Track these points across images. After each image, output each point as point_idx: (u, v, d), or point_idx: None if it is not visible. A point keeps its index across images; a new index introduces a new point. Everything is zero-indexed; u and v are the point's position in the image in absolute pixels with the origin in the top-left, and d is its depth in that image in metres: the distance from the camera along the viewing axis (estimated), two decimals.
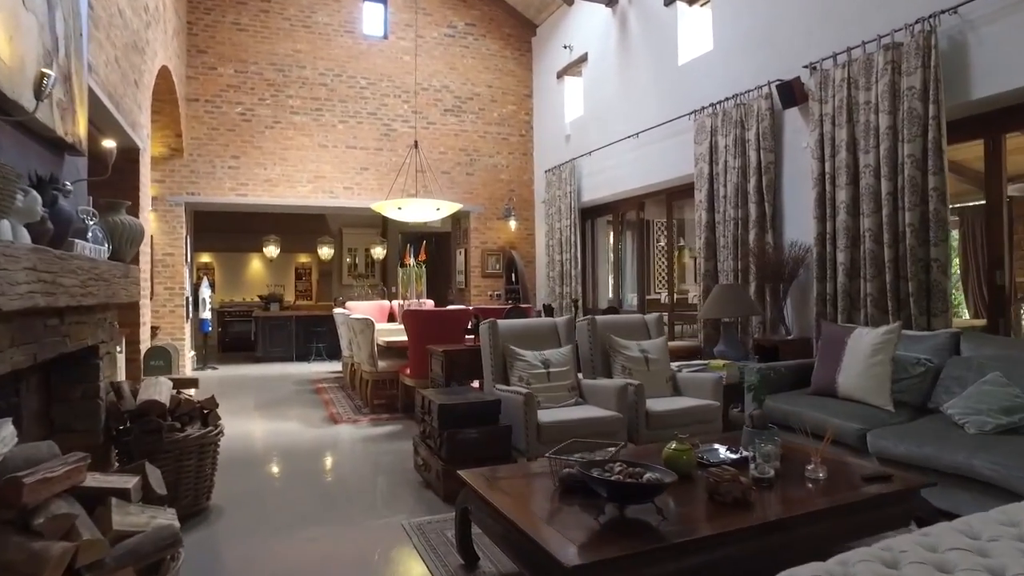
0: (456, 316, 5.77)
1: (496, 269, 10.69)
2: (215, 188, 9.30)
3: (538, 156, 10.88)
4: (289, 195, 9.62)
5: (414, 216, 7.25)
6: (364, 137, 10.04)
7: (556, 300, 9.84)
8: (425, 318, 5.67)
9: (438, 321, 5.68)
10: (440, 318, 5.74)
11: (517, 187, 10.89)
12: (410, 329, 5.67)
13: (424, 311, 5.81)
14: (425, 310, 5.87)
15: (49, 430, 3.17)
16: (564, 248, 9.65)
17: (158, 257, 9.01)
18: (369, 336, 6.01)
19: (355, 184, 9.96)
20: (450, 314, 5.84)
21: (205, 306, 9.62)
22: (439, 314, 5.86)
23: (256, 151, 9.50)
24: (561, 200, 9.73)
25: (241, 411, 6.57)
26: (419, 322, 5.62)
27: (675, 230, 8.81)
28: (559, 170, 9.80)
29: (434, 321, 5.67)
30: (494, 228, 10.74)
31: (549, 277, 10.05)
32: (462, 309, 5.85)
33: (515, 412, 3.80)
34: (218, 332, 12.59)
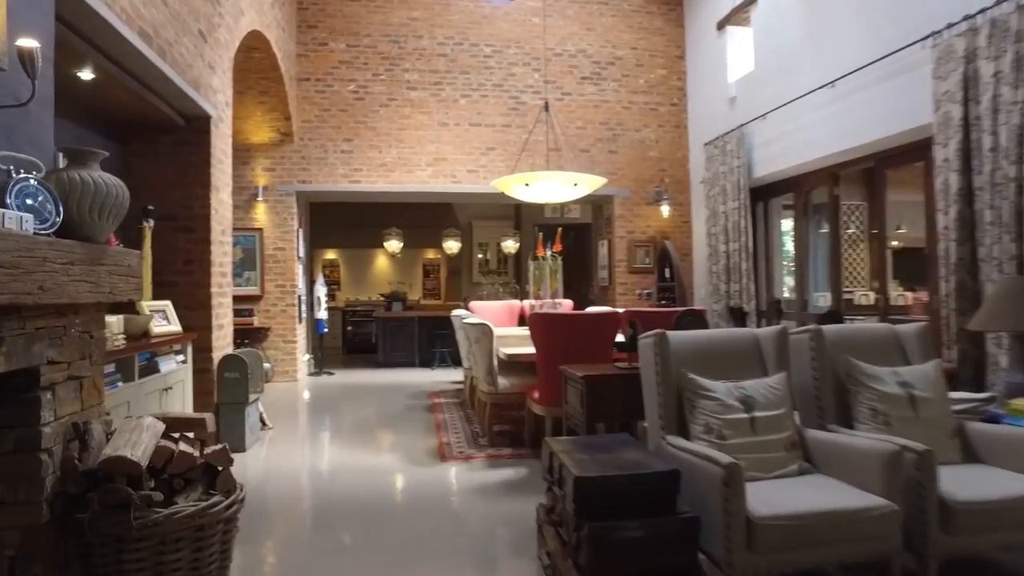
0: (600, 322, 4.22)
1: (646, 263, 9.01)
2: (327, 175, 8.39)
3: (694, 128, 9.06)
4: (407, 181, 8.53)
5: (546, 195, 5.80)
6: (489, 113, 8.75)
7: (720, 300, 8.00)
8: (557, 324, 4.17)
9: (575, 329, 4.16)
10: (578, 325, 4.22)
11: (669, 166, 9.13)
12: (538, 339, 4.20)
13: (556, 315, 4.30)
14: (558, 313, 4.34)
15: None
16: (730, 236, 7.80)
17: (268, 252, 8.22)
18: (486, 346, 4.62)
19: (480, 167, 8.69)
20: (591, 320, 4.29)
21: (321, 305, 8.76)
22: (576, 319, 4.32)
23: (370, 132, 8.49)
24: (726, 178, 7.88)
25: (335, 434, 5.43)
26: (549, 329, 4.14)
27: (881, 210, 6.71)
28: (722, 141, 7.96)
29: (569, 328, 4.16)
30: (643, 215, 9.06)
31: (711, 272, 8.22)
32: (608, 313, 4.27)
33: (705, 491, 2.21)
34: (343, 333, 11.90)
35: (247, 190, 8.22)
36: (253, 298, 8.17)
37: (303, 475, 4.26)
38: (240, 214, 8.19)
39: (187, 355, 4.39)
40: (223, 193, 5.00)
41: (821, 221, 8.29)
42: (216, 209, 4.81)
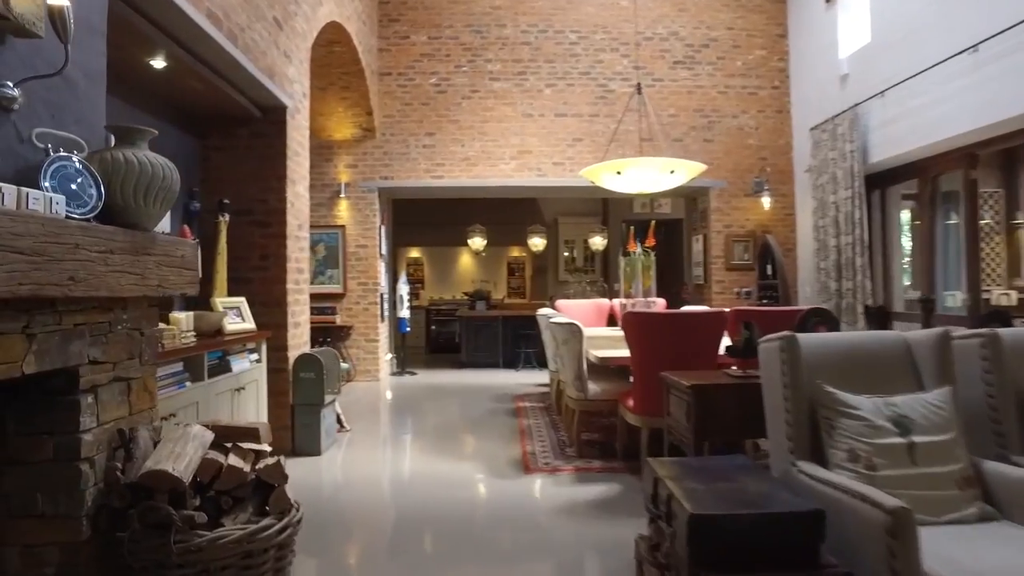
0: (704, 323, 3.74)
1: (745, 260, 8.35)
2: (409, 171, 8.22)
3: (798, 111, 8.32)
4: (490, 175, 8.24)
5: (639, 184, 5.33)
6: (576, 102, 8.34)
7: (829, 299, 7.26)
8: (656, 325, 3.72)
9: (676, 330, 3.69)
10: (679, 325, 3.74)
11: (770, 154, 8.43)
12: (633, 340, 3.77)
13: (654, 314, 3.84)
14: (656, 312, 3.88)
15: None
16: (842, 229, 7.06)
17: (351, 250, 8.13)
18: (575, 348, 4.22)
19: (566, 159, 8.29)
20: (694, 320, 3.81)
21: (403, 303, 8.61)
22: (677, 319, 3.84)
23: (452, 126, 8.26)
24: (836, 165, 7.15)
25: (414, 438, 5.18)
26: (647, 330, 3.70)
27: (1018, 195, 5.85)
28: (833, 124, 7.22)
29: (669, 329, 3.70)
30: (741, 207, 8.40)
31: (819, 269, 7.49)
32: (713, 312, 3.78)
33: (858, 540, 1.74)
34: (426, 333, 11.77)
35: (329, 187, 8.16)
36: (335, 296, 8.10)
37: (377, 483, 4.01)
38: (323, 211, 8.14)
39: (261, 354, 4.23)
40: (299, 187, 4.83)
41: (949, 211, 7.42)
42: (292, 203, 4.65)
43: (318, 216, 8.14)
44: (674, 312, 3.72)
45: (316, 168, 8.13)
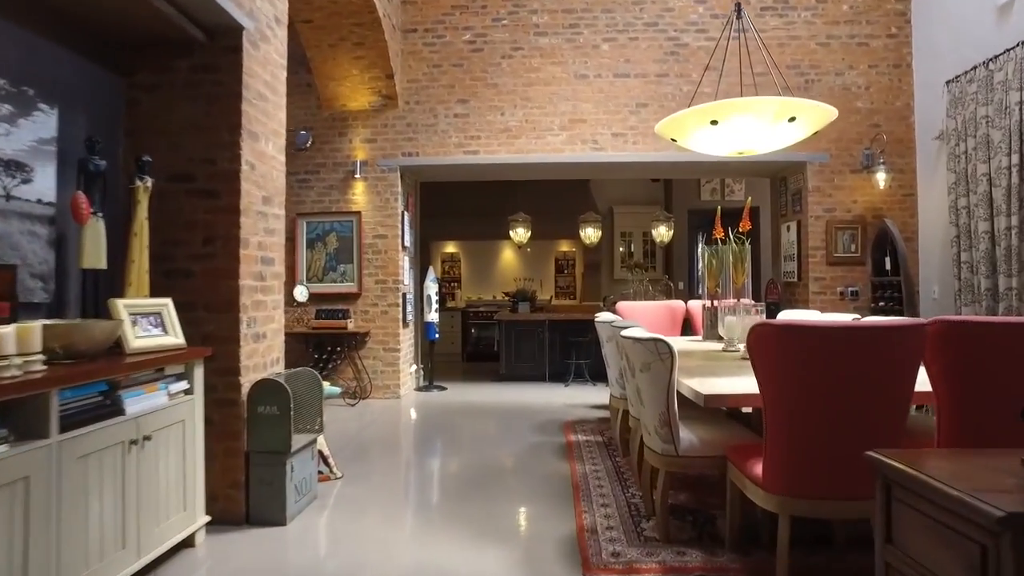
0: (899, 342, 2.14)
1: (852, 251, 6.68)
2: (438, 145, 6.83)
3: (924, 63, 6.60)
4: (535, 150, 6.78)
5: (741, 141, 3.77)
6: (640, 60, 6.82)
7: (977, 302, 5.57)
8: (813, 344, 2.12)
9: (850, 352, 2.11)
10: (857, 345, 2.13)
11: (884, 119, 6.74)
12: (769, 368, 2.22)
13: (810, 327, 2.21)
14: (811, 326, 2.24)
15: None
16: (999, 209, 5.35)
17: (368, 241, 6.78)
18: (662, 378, 2.71)
19: (628, 128, 6.78)
20: (886, 337, 2.16)
21: (431, 305, 7.23)
22: (855, 336, 2.14)
23: (489, 91, 6.83)
24: (992, 124, 5.44)
25: (423, 495, 3.77)
26: (795, 353, 2.13)
27: None
28: (987, 70, 5.51)
29: (838, 351, 2.10)
30: (846, 186, 6.74)
31: (957, 263, 5.79)
32: (908, 326, 2.17)
33: None
34: (463, 338, 10.38)
35: (343, 166, 6.83)
36: (349, 296, 6.77)
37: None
38: (334, 195, 6.82)
39: (195, 381, 2.86)
40: (266, 144, 3.46)
41: None
42: (253, 165, 3.28)
43: (329, 201, 6.83)
44: (846, 324, 2.17)
45: (329, 144, 6.83)
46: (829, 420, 2.16)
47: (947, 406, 2.32)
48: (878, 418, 2.18)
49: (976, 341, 2.18)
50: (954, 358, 2.24)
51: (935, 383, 2.33)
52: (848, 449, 2.16)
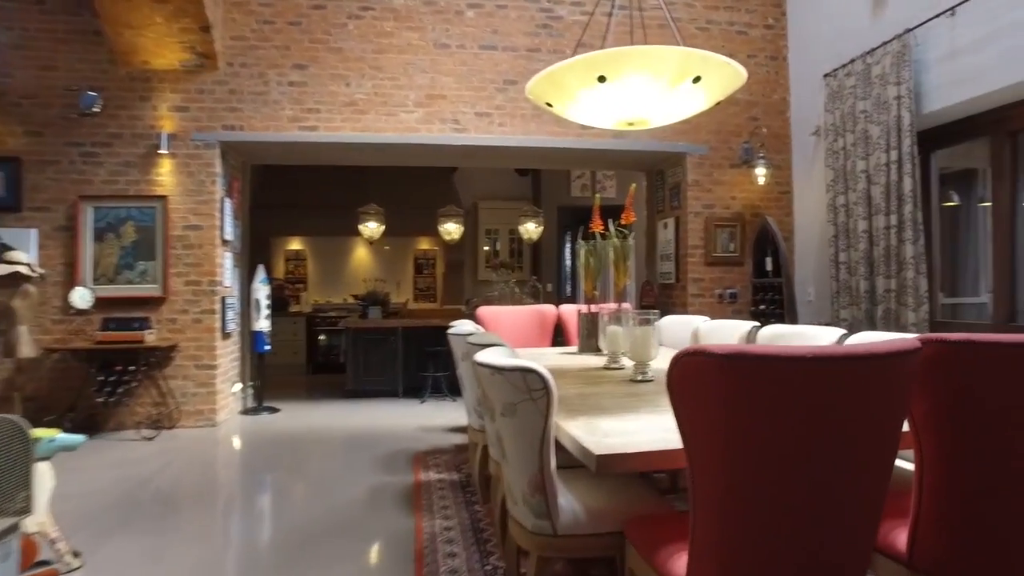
0: (886, 375, 1.40)
1: (732, 251, 6.25)
2: (269, 118, 5.65)
3: (800, 57, 6.32)
4: (386, 128, 5.79)
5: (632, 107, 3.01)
6: (509, 31, 6.02)
7: (854, 304, 5.26)
8: (785, 377, 1.27)
9: (827, 386, 1.31)
10: (838, 377, 1.31)
11: (762, 112, 6.39)
12: (698, 415, 1.36)
13: (781, 354, 1.35)
14: (780, 352, 1.39)
15: None
16: (877, 208, 5.06)
17: (176, 232, 5.48)
18: (535, 430, 1.84)
19: (495, 108, 5.95)
20: (870, 368, 1.38)
21: (260, 311, 6.03)
22: (832, 364, 1.32)
23: (333, 57, 5.76)
24: (870, 119, 5.15)
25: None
26: (747, 391, 1.30)
27: None
28: (864, 64, 5.22)
29: (806, 388, 1.32)
30: (725, 181, 6.31)
31: (835, 263, 5.48)
32: (898, 346, 1.44)
33: None
34: (307, 348, 9.13)
35: (144, 139, 5.47)
36: (151, 302, 5.42)
37: None
38: (132, 175, 5.46)
39: None
40: None
41: None
42: None
43: (127, 182, 5.46)
44: (825, 352, 1.40)
45: (127, 111, 5.48)
46: (791, 496, 1.38)
47: (934, 461, 1.63)
48: (858, 489, 1.44)
49: (986, 368, 1.51)
50: (952, 393, 1.56)
51: (919, 428, 1.64)
52: (817, 539, 1.40)
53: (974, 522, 1.61)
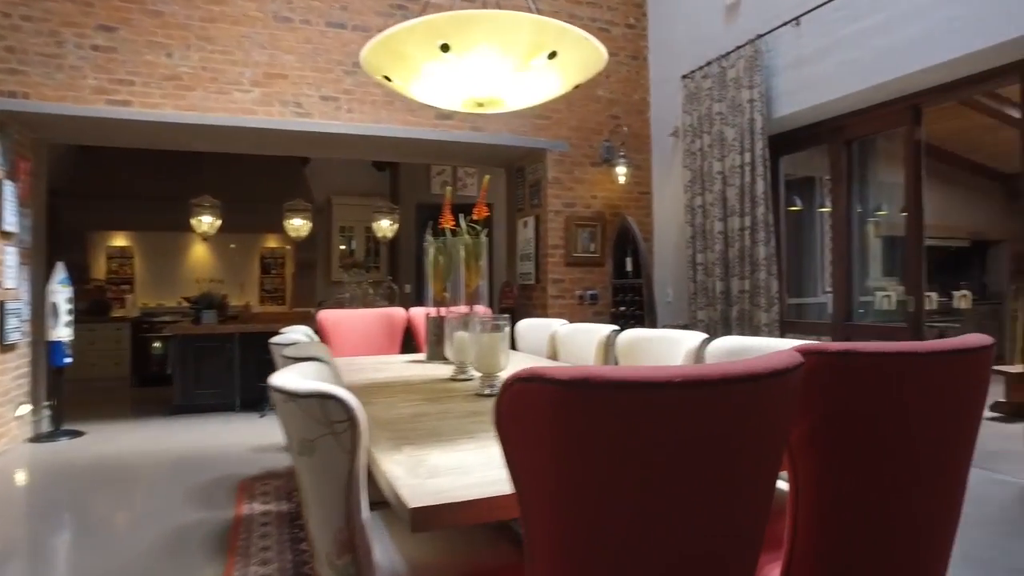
0: (774, 390, 1.11)
1: (592, 251, 6.12)
2: (65, 86, 4.78)
3: (660, 58, 6.31)
4: (216, 108, 5.09)
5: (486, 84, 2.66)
6: (360, 9, 5.53)
7: (710, 305, 5.27)
8: (641, 407, 0.89)
9: (692, 415, 1.00)
10: (708, 406, 1.02)
11: (624, 112, 6.32)
12: (530, 455, 1.02)
13: (638, 379, 1.02)
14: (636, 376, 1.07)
15: None
16: (732, 209, 5.08)
17: None
18: (340, 473, 1.41)
19: (343, 92, 5.43)
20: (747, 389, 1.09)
21: (59, 318, 5.11)
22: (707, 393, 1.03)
23: (151, 21, 4.99)
24: (725, 121, 5.17)
25: None
26: (593, 426, 0.95)
27: None
28: (719, 67, 5.24)
29: (668, 416, 0.96)
30: (586, 179, 6.17)
31: (693, 264, 5.48)
32: (788, 364, 1.18)
33: None
34: (132, 358, 8.06)
35: None
36: None
37: None
38: None
39: None
40: None
41: (871, 185, 5.91)
42: None
43: None
44: (691, 374, 1.11)
45: None
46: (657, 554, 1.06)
47: (810, 484, 1.39)
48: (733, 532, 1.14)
49: (868, 379, 1.28)
50: (832, 408, 1.32)
51: (795, 450, 1.39)
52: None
53: (853, 549, 1.38)
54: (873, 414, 1.31)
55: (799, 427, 1.33)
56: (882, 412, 1.30)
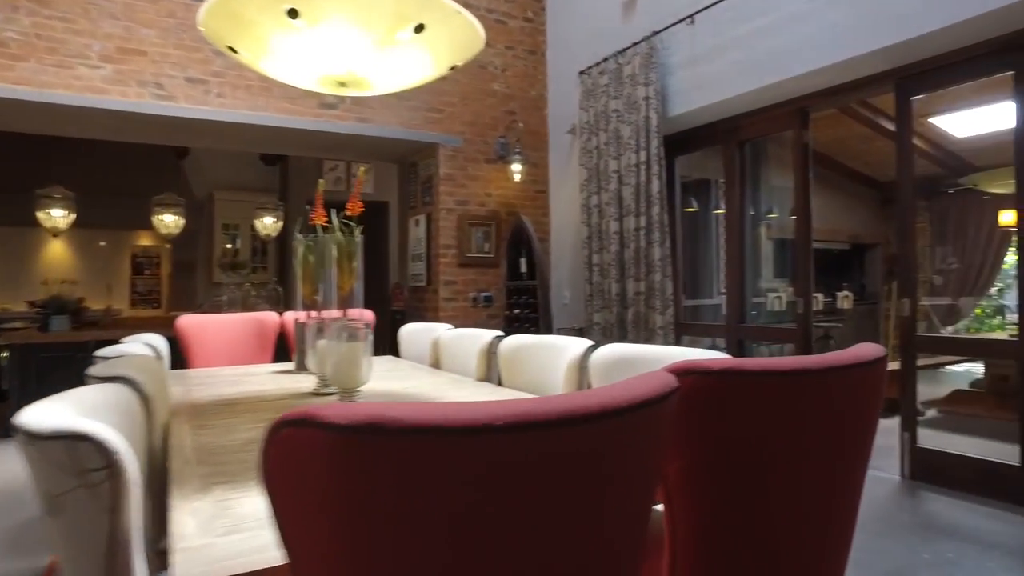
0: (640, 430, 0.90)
1: (487, 251, 5.87)
2: None
3: (559, 53, 6.16)
4: (55, 84, 4.48)
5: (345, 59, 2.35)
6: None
7: (606, 308, 5.14)
8: (445, 462, 0.66)
9: (523, 469, 0.76)
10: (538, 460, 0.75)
11: (521, 107, 6.13)
12: (303, 522, 0.76)
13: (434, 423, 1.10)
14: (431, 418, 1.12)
15: None
16: (628, 209, 4.97)
17: None
18: (96, 535, 1.08)
19: (212, 75, 4.92)
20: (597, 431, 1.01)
21: None
22: (537, 440, 0.78)
23: None
24: (621, 119, 5.06)
25: None
26: (380, 485, 0.68)
27: None
28: (616, 63, 5.13)
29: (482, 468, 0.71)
30: (480, 176, 5.93)
31: (589, 266, 5.34)
32: (657, 392, 0.95)
33: None
34: None
35: None
36: None
37: None
38: None
39: None
40: None
41: (763, 188, 5.95)
42: None
43: None
44: (518, 412, 0.87)
45: None
46: None
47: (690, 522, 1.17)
48: None
49: (764, 403, 1.07)
50: (716, 437, 1.10)
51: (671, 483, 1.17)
52: None
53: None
54: (759, 437, 1.10)
55: (676, 462, 1.11)
56: (770, 434, 1.10)
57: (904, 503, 3.37)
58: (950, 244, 7.83)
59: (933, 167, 7.15)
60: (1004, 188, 6.03)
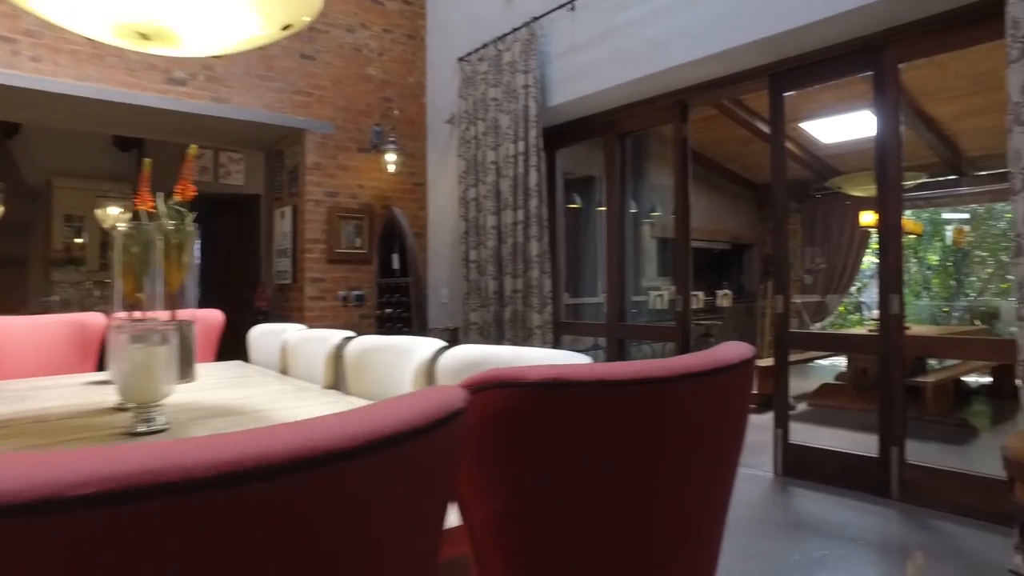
0: (421, 463, 0.63)
1: (358, 247, 5.47)
2: None
3: (438, 38, 5.85)
4: None
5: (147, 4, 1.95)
6: None
7: (484, 306, 4.89)
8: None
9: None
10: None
11: (397, 94, 5.77)
12: None
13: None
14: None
15: None
16: (506, 202, 4.75)
17: None
18: None
19: (24, 34, 4.25)
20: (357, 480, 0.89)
21: None
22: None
23: None
24: (500, 107, 4.83)
25: None
26: None
27: None
28: (495, 50, 4.90)
29: None
30: (352, 166, 5.52)
31: (466, 262, 5.07)
32: (445, 412, 0.68)
33: None
34: None
35: None
36: None
37: None
38: None
39: None
40: None
41: (646, 186, 5.87)
42: None
43: None
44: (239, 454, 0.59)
45: None
46: None
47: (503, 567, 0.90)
48: None
49: (598, 423, 0.81)
50: (540, 475, 0.83)
51: (481, 543, 0.89)
52: None
53: None
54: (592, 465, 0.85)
55: (482, 506, 0.84)
56: (607, 460, 0.85)
57: (777, 501, 3.32)
58: (818, 245, 8.18)
59: (804, 171, 7.43)
60: (864, 191, 6.31)
